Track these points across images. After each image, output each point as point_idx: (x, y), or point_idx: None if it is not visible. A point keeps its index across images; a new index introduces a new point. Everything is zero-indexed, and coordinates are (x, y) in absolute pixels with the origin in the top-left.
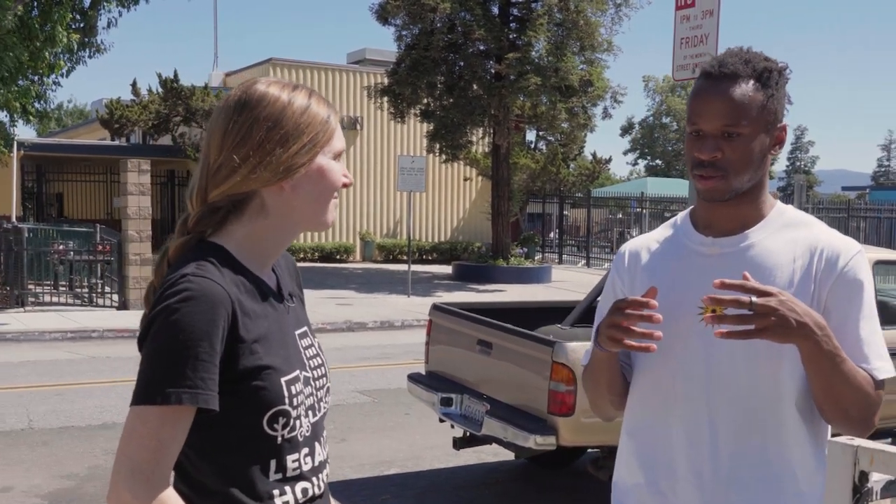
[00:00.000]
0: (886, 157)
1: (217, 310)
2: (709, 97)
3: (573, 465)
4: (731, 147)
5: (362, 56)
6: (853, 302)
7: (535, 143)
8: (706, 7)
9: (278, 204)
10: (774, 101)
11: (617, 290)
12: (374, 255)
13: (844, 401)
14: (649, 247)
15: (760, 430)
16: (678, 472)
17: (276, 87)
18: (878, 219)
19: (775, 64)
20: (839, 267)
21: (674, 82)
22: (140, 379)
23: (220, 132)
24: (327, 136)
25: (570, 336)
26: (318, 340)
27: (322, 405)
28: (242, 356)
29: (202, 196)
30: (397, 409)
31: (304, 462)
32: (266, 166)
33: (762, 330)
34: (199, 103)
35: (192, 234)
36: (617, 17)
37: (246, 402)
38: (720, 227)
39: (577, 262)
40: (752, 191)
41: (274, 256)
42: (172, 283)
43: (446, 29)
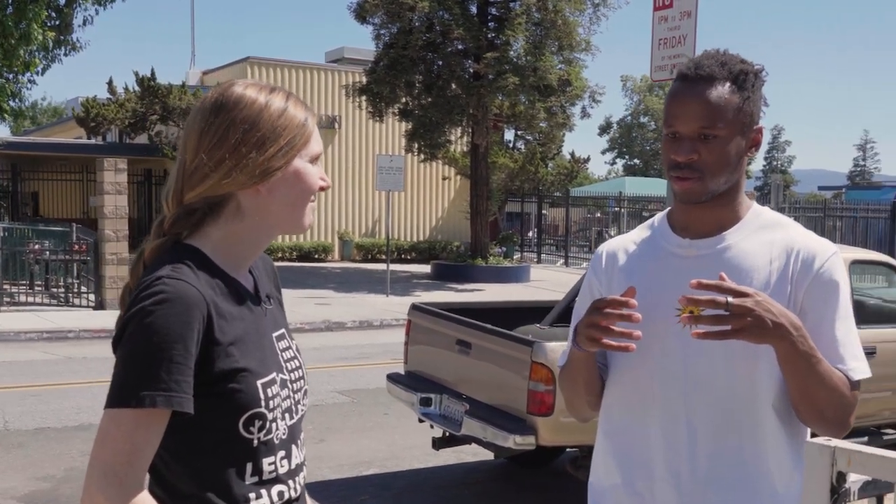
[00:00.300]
0: (862, 157)
1: (192, 312)
2: (685, 99)
3: (552, 465)
4: (707, 149)
5: (340, 55)
6: (829, 303)
7: (514, 143)
8: (684, 8)
9: (254, 207)
10: (750, 103)
11: (594, 290)
12: (353, 254)
13: (820, 402)
14: (626, 248)
15: (738, 430)
16: (655, 473)
17: (254, 88)
18: (854, 218)
19: (751, 66)
20: (815, 268)
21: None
22: (114, 381)
23: (196, 134)
24: (304, 139)
25: (548, 336)
26: (296, 343)
27: (299, 408)
28: (218, 359)
29: (178, 198)
30: (376, 409)
31: (281, 465)
32: (242, 169)
33: (738, 330)
34: (176, 102)
35: (167, 236)
36: (595, 16)
37: (221, 405)
38: (697, 230)
39: (556, 262)
40: (728, 193)
41: (251, 258)
42: (147, 286)
43: (424, 28)
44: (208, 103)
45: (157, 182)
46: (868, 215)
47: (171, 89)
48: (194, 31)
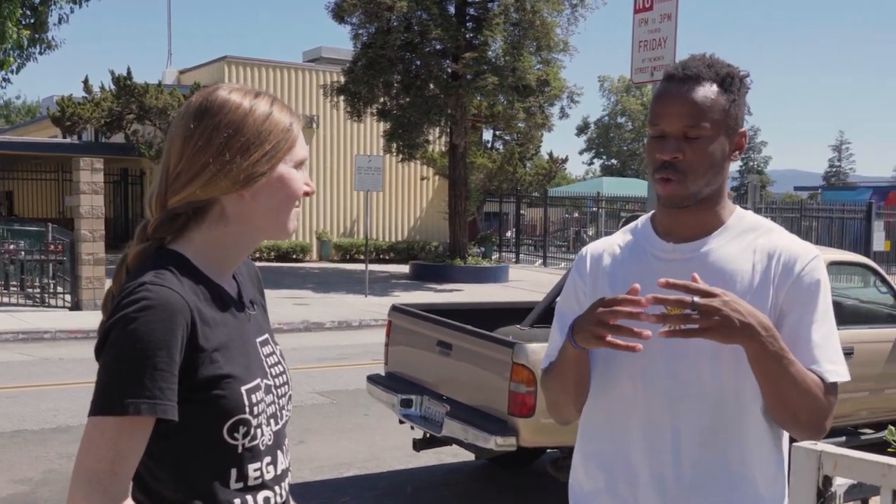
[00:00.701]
0: (837, 158)
1: (175, 319)
2: (671, 99)
3: (533, 466)
4: (691, 149)
5: (318, 54)
6: (808, 305)
7: (492, 143)
8: (664, 11)
9: (239, 212)
10: (735, 106)
11: (578, 292)
12: (331, 254)
13: (793, 404)
14: (611, 251)
15: (723, 434)
16: (640, 477)
17: (238, 93)
18: (829, 219)
19: (737, 70)
20: (796, 271)
21: (629, 82)
22: (97, 389)
23: (180, 138)
24: (289, 144)
25: (529, 337)
26: (279, 348)
27: (284, 413)
28: (202, 365)
29: (161, 202)
30: (356, 410)
31: (267, 471)
32: (226, 174)
33: (705, 329)
34: (152, 101)
35: (151, 241)
36: (573, 17)
37: (205, 412)
38: (680, 234)
39: (534, 262)
40: (712, 197)
41: (234, 264)
42: (130, 292)
43: (403, 28)
44: (192, 107)
45: (134, 182)
46: (844, 216)
47: (147, 88)
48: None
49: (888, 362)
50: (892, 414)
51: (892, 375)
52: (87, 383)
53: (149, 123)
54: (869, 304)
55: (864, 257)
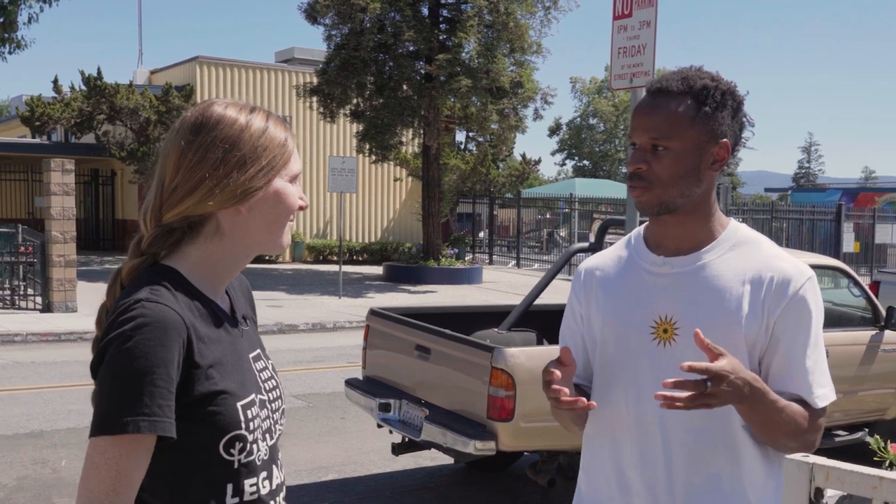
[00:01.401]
0: (807, 159)
1: (172, 336)
2: (642, 112)
3: (512, 468)
4: (657, 160)
5: (291, 55)
6: (800, 330)
7: (465, 144)
8: (643, 18)
9: (234, 226)
10: (711, 119)
11: (575, 310)
12: (304, 255)
13: (781, 438)
14: (603, 266)
15: (714, 449)
16: (633, 489)
17: (234, 108)
18: (800, 220)
19: (719, 83)
20: (789, 294)
21: (600, 84)
22: (96, 409)
23: (176, 153)
24: (285, 158)
25: (507, 341)
26: (272, 362)
27: (278, 427)
28: (198, 382)
29: (156, 217)
30: (333, 413)
31: (262, 486)
32: (223, 189)
33: (704, 404)
34: (123, 101)
35: (145, 256)
36: (546, 19)
37: (202, 428)
38: (671, 247)
39: (508, 263)
40: (697, 209)
41: (228, 279)
42: (126, 309)
43: (376, 29)
44: (188, 123)
45: (104, 182)
46: (814, 217)
47: (118, 88)
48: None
49: (861, 365)
50: (865, 415)
51: (866, 378)
52: (60, 387)
53: (120, 124)
54: (843, 306)
55: (838, 261)
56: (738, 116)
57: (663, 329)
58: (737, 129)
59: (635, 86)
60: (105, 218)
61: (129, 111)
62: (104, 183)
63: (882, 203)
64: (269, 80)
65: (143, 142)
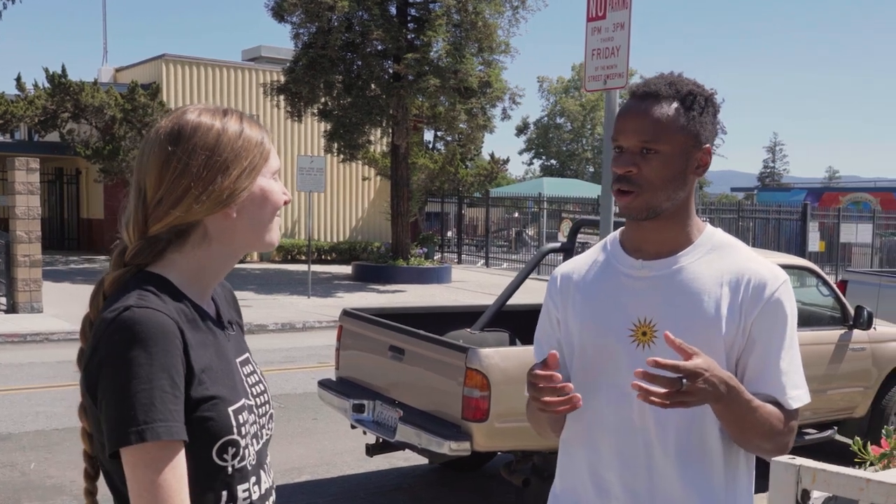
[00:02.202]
0: (772, 159)
1: (172, 341)
2: (630, 115)
3: (485, 468)
4: (646, 163)
5: (258, 53)
6: (775, 332)
7: (434, 143)
8: (617, 20)
9: (222, 230)
10: (697, 124)
11: (552, 314)
12: (272, 255)
13: (754, 440)
14: (581, 270)
15: (694, 449)
16: (611, 492)
17: (208, 114)
18: (766, 220)
19: (702, 90)
20: (765, 297)
21: (567, 83)
22: (109, 424)
23: (156, 165)
24: (264, 157)
25: (480, 341)
26: (259, 367)
27: (265, 432)
28: (191, 387)
29: (140, 229)
30: (304, 414)
31: (254, 491)
32: (209, 195)
33: (681, 402)
34: (88, 99)
35: (129, 267)
36: (514, 18)
37: (195, 434)
38: (649, 250)
39: (477, 262)
40: (677, 214)
41: (215, 283)
42: (119, 317)
43: (344, 28)
44: (164, 133)
45: (69, 181)
46: (780, 216)
47: (83, 86)
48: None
49: (831, 363)
50: (835, 414)
51: (835, 376)
52: (26, 389)
53: (84, 122)
54: (812, 306)
55: (807, 261)
56: (715, 123)
57: (642, 332)
58: (714, 135)
59: (609, 87)
60: (70, 217)
61: (94, 109)
62: (69, 182)
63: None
64: (237, 79)
65: (108, 140)
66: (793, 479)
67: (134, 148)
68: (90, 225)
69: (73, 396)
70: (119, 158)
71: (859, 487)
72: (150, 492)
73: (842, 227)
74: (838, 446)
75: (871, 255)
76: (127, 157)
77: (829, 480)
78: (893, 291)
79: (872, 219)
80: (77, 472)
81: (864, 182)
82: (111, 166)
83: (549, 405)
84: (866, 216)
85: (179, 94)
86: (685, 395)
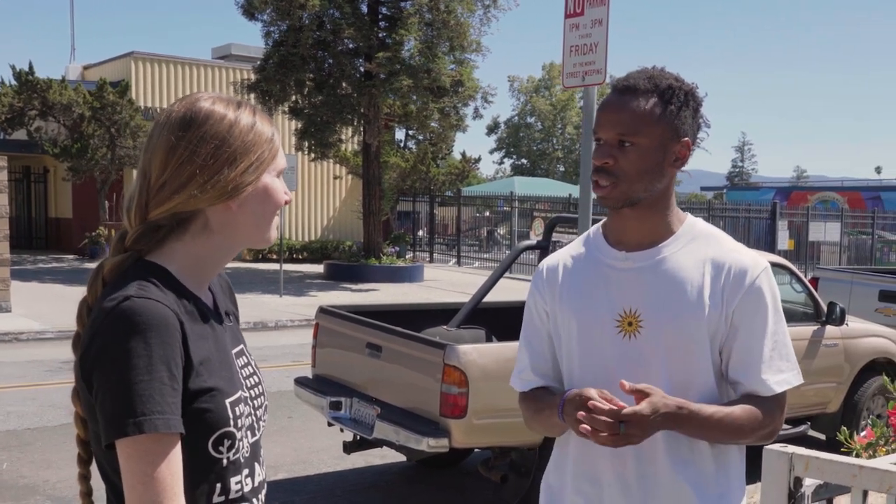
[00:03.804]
0: (740, 158)
1: (172, 332)
2: (609, 108)
3: (462, 465)
4: (624, 155)
5: (228, 51)
6: (757, 319)
7: (405, 142)
8: (595, 16)
9: (223, 222)
10: (675, 117)
11: (539, 307)
12: (243, 254)
13: (729, 441)
14: (565, 263)
15: (682, 437)
16: (603, 479)
17: (221, 104)
18: (736, 218)
19: (683, 84)
20: (745, 284)
21: (538, 83)
22: (105, 413)
23: (163, 149)
24: (272, 154)
25: (456, 338)
26: (253, 359)
27: (260, 424)
28: (189, 378)
29: (142, 214)
30: (279, 412)
31: (246, 483)
32: (214, 185)
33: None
34: (56, 97)
35: (129, 253)
36: (486, 17)
37: (192, 426)
38: (631, 242)
39: (448, 261)
40: (657, 204)
41: (213, 275)
42: (117, 307)
43: (315, 26)
44: (175, 118)
45: (37, 180)
46: (749, 215)
47: (50, 84)
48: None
49: (804, 359)
50: (808, 409)
51: (808, 372)
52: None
53: (52, 120)
54: (786, 302)
55: (781, 258)
56: (697, 117)
57: (628, 322)
58: (695, 129)
59: (587, 83)
60: (38, 216)
61: (62, 107)
62: (36, 180)
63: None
64: (206, 77)
65: (76, 138)
66: (785, 466)
67: (103, 146)
68: (58, 224)
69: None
70: (87, 157)
71: (852, 474)
72: (144, 484)
73: (810, 225)
74: (813, 441)
75: (840, 254)
76: (96, 156)
77: (821, 468)
78: (865, 288)
79: (840, 217)
80: (51, 471)
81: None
82: (79, 165)
83: (593, 434)
84: (834, 215)
85: (149, 92)
86: (627, 438)
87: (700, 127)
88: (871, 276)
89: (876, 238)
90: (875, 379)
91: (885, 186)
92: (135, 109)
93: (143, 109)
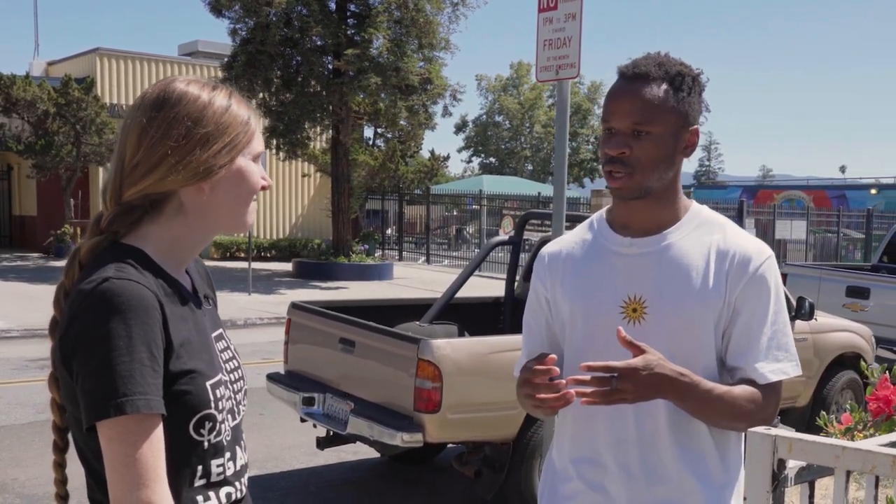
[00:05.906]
0: (707, 158)
1: (151, 313)
2: (621, 96)
3: (434, 461)
4: (639, 145)
5: (194, 48)
6: (759, 306)
7: (374, 140)
8: (569, 10)
9: (197, 205)
10: (685, 104)
11: (540, 294)
12: (211, 252)
13: (722, 423)
14: (569, 249)
15: (683, 423)
16: (607, 466)
17: (196, 85)
18: None
19: (690, 70)
20: (749, 271)
21: (506, 81)
22: (86, 396)
23: (136, 129)
24: (248, 137)
25: (429, 333)
26: (233, 343)
27: (240, 408)
28: (170, 360)
29: (116, 195)
30: (251, 409)
31: (228, 466)
32: (185, 166)
33: (619, 399)
34: (20, 93)
35: (105, 235)
36: (454, 15)
37: (172, 408)
38: (637, 228)
39: (418, 259)
40: (665, 192)
41: (189, 258)
42: (96, 289)
43: (282, 23)
44: (149, 99)
45: (0, 177)
46: None
47: (14, 80)
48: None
49: None
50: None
51: None
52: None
53: (16, 116)
54: None
55: None
56: (701, 103)
57: (633, 308)
58: (699, 115)
59: (561, 77)
60: (2, 214)
61: (25, 103)
62: (0, 178)
63: (780, 200)
64: (173, 74)
65: (41, 135)
66: (769, 448)
67: (68, 143)
68: (23, 222)
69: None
70: (52, 154)
71: (835, 455)
72: (127, 466)
73: (777, 223)
74: None
75: (806, 251)
76: (61, 153)
77: (804, 449)
78: (832, 284)
79: (806, 216)
80: (20, 469)
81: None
82: (44, 162)
83: (544, 402)
84: (800, 213)
85: (114, 89)
86: (620, 393)
87: (702, 112)
88: (839, 273)
89: (841, 236)
90: (844, 373)
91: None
92: (100, 106)
93: (108, 106)
